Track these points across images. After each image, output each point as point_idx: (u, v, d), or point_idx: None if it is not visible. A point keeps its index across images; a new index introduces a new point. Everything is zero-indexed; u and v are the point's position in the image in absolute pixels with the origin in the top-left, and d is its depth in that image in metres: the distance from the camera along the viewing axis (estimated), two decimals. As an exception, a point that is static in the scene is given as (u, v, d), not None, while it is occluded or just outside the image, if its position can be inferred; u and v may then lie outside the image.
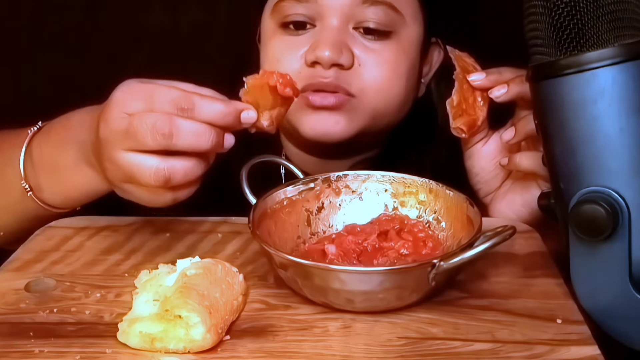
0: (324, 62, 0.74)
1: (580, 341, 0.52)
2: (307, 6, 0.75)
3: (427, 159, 0.85)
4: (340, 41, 0.74)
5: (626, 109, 0.49)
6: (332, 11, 0.75)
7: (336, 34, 0.75)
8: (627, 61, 0.49)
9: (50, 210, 0.69)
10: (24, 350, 0.51)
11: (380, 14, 0.75)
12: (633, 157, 0.50)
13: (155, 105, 0.55)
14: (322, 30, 0.75)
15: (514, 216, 0.71)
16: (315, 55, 0.74)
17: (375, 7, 0.75)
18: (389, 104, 0.78)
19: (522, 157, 0.69)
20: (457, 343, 0.52)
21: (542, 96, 0.52)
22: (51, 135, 0.69)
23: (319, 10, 0.75)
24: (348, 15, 0.75)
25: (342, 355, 0.51)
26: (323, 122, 0.76)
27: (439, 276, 0.54)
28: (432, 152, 0.85)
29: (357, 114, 0.76)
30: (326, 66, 0.74)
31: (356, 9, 0.75)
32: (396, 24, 0.76)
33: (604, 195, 0.50)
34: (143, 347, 0.51)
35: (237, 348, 0.52)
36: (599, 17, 0.49)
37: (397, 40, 0.77)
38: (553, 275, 0.61)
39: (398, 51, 0.77)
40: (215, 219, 0.71)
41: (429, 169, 0.83)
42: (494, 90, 0.69)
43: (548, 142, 0.53)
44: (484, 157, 0.73)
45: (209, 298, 0.52)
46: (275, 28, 0.78)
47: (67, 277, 0.61)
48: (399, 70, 0.77)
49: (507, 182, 0.74)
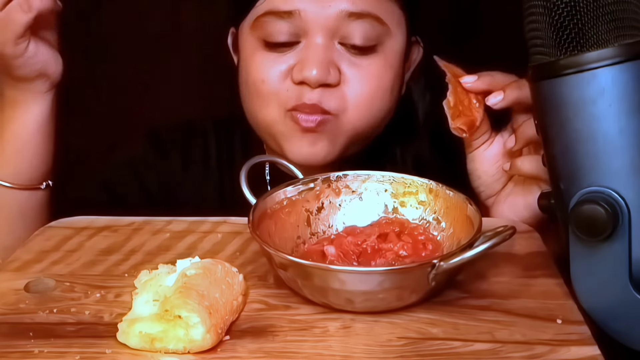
0: (311, 82, 0.73)
1: (580, 341, 0.52)
2: (290, 22, 0.73)
3: (410, 154, 0.85)
4: (328, 60, 0.73)
5: (626, 109, 0.49)
6: (317, 27, 0.73)
7: (322, 52, 0.73)
8: (627, 61, 0.49)
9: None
10: (23, 350, 0.51)
11: (366, 28, 0.73)
12: (633, 157, 0.50)
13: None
14: (307, 48, 0.73)
15: (517, 218, 0.71)
16: (303, 75, 0.73)
17: (362, 21, 0.73)
18: (370, 120, 0.77)
19: (523, 161, 0.68)
20: (457, 343, 0.52)
21: (542, 96, 0.52)
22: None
23: (303, 26, 0.73)
24: (333, 30, 0.73)
25: (342, 355, 0.51)
26: (307, 146, 0.75)
27: (438, 276, 0.54)
28: (414, 147, 0.85)
29: (339, 134, 0.76)
30: (314, 86, 0.73)
31: (342, 24, 0.73)
32: (382, 36, 0.75)
33: (604, 195, 0.50)
34: (143, 347, 0.51)
35: (237, 348, 0.52)
36: (599, 17, 0.49)
37: (383, 53, 0.76)
38: (553, 276, 0.61)
39: (384, 65, 0.76)
40: (215, 219, 0.71)
41: (412, 164, 0.83)
42: (490, 98, 0.69)
43: (548, 142, 0.53)
44: (487, 160, 0.73)
45: (208, 298, 0.52)
46: (257, 44, 0.76)
47: (66, 277, 0.61)
48: (383, 85, 0.77)
49: (509, 184, 0.73)
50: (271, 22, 0.74)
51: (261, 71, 0.75)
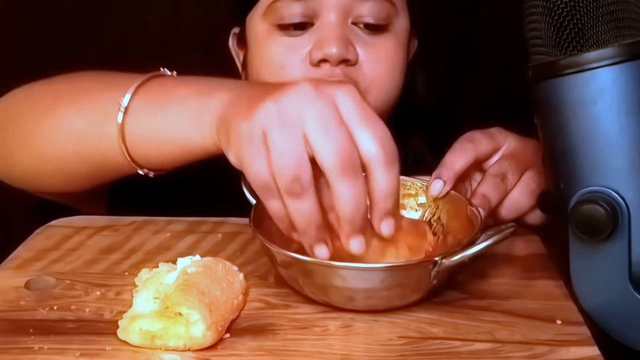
0: (332, 59, 0.72)
1: (580, 342, 0.52)
2: (304, 4, 0.73)
3: (407, 149, 0.85)
4: (344, 36, 0.73)
5: (626, 109, 0.50)
6: (330, 7, 0.73)
7: (339, 29, 0.73)
8: (627, 61, 0.49)
9: (130, 164, 0.64)
10: (24, 346, 0.51)
11: (378, 8, 0.74)
12: (633, 157, 0.50)
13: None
14: (322, 27, 0.74)
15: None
16: (323, 53, 0.72)
17: (374, 1, 0.74)
18: (389, 99, 0.77)
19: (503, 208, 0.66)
20: (457, 343, 0.52)
21: (542, 96, 0.52)
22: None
23: (316, 7, 0.73)
24: (346, 10, 0.74)
25: (342, 354, 0.51)
26: None
27: (440, 274, 0.54)
28: (411, 142, 0.85)
29: None
30: (334, 63, 0.72)
31: (354, 4, 0.74)
32: (392, 15, 0.76)
33: (603, 195, 0.51)
34: (143, 344, 0.51)
35: (237, 346, 0.52)
36: (599, 17, 0.49)
37: (394, 32, 0.76)
38: (553, 277, 0.61)
39: (396, 44, 0.76)
40: (215, 220, 0.71)
41: (410, 159, 0.83)
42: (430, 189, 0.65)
43: (548, 142, 0.54)
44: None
45: (209, 296, 0.52)
46: (271, 30, 0.75)
47: (67, 275, 0.61)
48: (397, 63, 0.77)
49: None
50: (285, 6, 0.74)
51: (278, 56, 0.75)
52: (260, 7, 0.76)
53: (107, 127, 0.62)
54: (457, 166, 0.65)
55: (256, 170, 0.52)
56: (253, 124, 0.52)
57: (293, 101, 0.51)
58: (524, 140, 0.69)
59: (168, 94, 0.62)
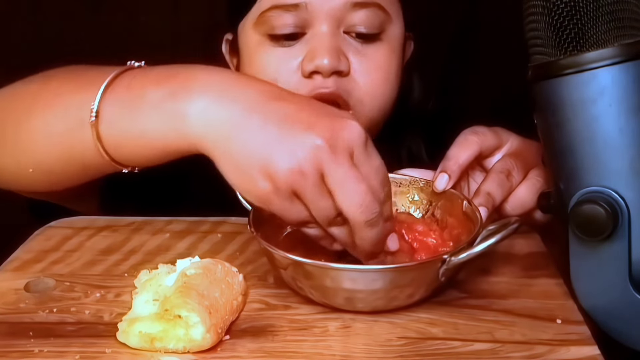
0: (324, 70, 0.71)
1: (580, 341, 0.52)
2: (296, 14, 0.72)
3: (402, 149, 0.84)
4: (336, 47, 0.72)
5: (626, 109, 0.50)
6: (322, 17, 0.72)
7: (331, 40, 0.72)
8: (627, 61, 0.49)
9: (111, 164, 0.63)
10: (23, 349, 0.51)
11: (370, 16, 0.73)
12: (633, 157, 0.50)
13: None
14: (314, 37, 0.73)
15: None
16: (315, 64, 0.71)
17: (366, 10, 0.73)
18: (384, 108, 0.77)
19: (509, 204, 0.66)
20: (456, 343, 0.52)
21: (542, 96, 0.52)
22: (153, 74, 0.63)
23: (308, 17, 0.72)
24: (338, 19, 0.73)
25: (342, 355, 0.51)
26: None
27: (449, 272, 0.53)
28: (406, 141, 0.85)
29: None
30: (326, 75, 0.72)
31: (346, 13, 0.72)
32: (385, 23, 0.75)
33: (603, 195, 0.50)
34: (143, 346, 0.51)
35: (237, 348, 0.52)
36: (599, 17, 0.49)
37: (387, 40, 0.76)
38: (553, 276, 0.61)
39: (389, 52, 0.76)
40: (215, 219, 0.71)
41: (405, 159, 0.83)
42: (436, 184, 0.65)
43: (548, 142, 0.53)
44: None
45: (208, 298, 0.52)
46: (262, 40, 0.74)
47: (66, 277, 0.61)
48: (391, 72, 0.76)
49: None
50: (277, 16, 0.73)
51: (270, 67, 0.74)
52: (251, 17, 0.75)
53: (82, 131, 0.61)
54: (462, 159, 0.65)
55: (294, 217, 0.54)
56: (279, 182, 0.52)
57: (310, 160, 0.52)
58: (526, 141, 0.68)
59: (138, 95, 0.60)
